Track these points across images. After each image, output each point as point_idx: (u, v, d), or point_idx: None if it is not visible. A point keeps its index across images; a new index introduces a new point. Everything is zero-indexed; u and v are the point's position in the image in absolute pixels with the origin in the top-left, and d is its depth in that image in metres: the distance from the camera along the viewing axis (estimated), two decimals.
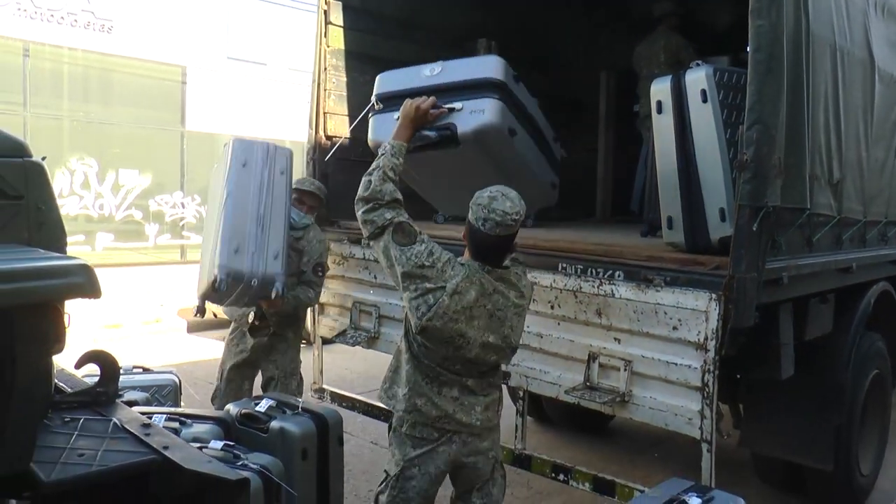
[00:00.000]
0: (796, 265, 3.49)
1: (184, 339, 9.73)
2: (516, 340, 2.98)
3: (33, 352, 1.52)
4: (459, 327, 2.82)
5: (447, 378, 2.94)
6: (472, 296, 2.82)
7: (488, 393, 3.01)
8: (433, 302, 2.80)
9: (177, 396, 4.18)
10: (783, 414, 4.45)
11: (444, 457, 2.99)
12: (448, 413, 2.93)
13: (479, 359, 2.91)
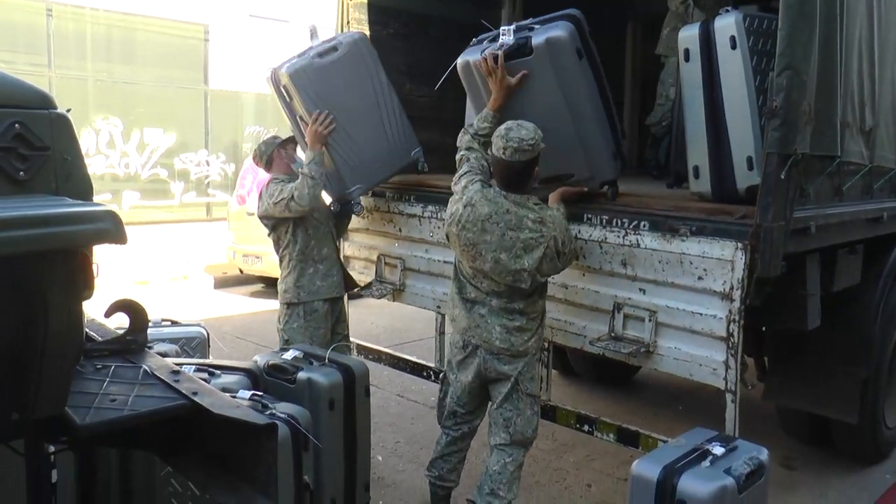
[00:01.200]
0: (824, 214, 3.44)
1: (211, 295, 9.86)
2: (531, 264, 3.19)
3: (64, 297, 1.54)
4: (472, 237, 3.24)
5: (476, 295, 3.35)
6: (486, 211, 3.22)
7: (513, 318, 3.30)
8: (453, 211, 3.32)
9: (205, 349, 4.25)
10: (809, 367, 4.43)
11: (472, 368, 3.42)
12: (472, 326, 3.36)
13: (495, 274, 3.24)
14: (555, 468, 4.66)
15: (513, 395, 3.38)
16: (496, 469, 3.41)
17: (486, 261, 3.23)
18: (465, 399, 3.55)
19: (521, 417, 3.40)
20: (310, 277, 4.29)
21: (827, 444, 4.85)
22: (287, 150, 4.32)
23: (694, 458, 2.77)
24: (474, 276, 3.36)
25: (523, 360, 3.36)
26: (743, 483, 2.68)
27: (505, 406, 3.40)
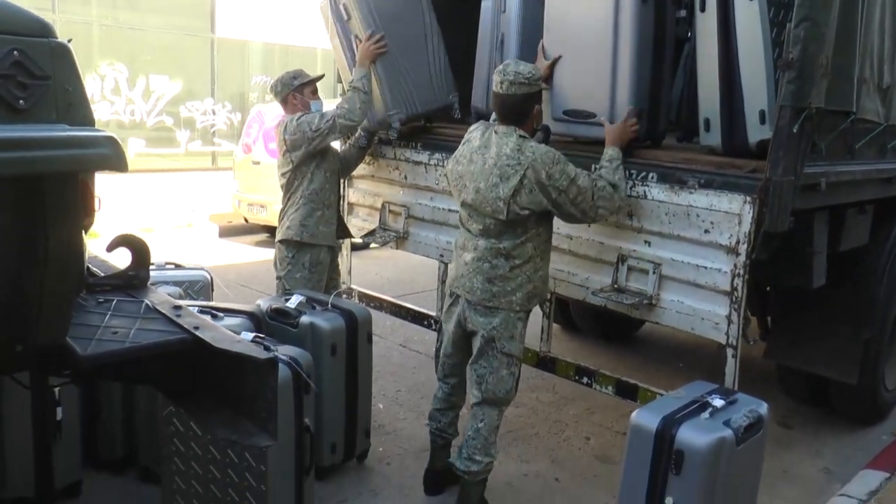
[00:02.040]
0: (835, 172, 3.39)
1: (216, 244, 9.87)
2: (506, 193, 3.08)
3: (64, 224, 1.53)
4: (461, 169, 3.28)
5: (466, 238, 3.32)
6: (476, 144, 3.26)
7: (496, 265, 3.21)
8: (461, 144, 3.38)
9: (208, 293, 4.26)
10: (811, 326, 4.43)
11: (455, 318, 3.40)
12: (458, 276, 3.34)
13: (477, 205, 3.19)
14: (554, 420, 4.70)
15: (487, 351, 3.28)
16: (470, 434, 3.36)
17: (469, 192, 3.21)
18: (450, 349, 3.50)
19: (494, 376, 3.29)
20: (316, 220, 4.28)
21: (825, 404, 4.87)
22: (304, 93, 4.28)
23: (693, 409, 2.78)
24: (468, 217, 3.29)
25: (500, 316, 3.24)
26: (741, 435, 2.69)
27: (479, 362, 3.32)
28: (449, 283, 3.47)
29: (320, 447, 3.61)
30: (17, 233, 1.51)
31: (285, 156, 4.19)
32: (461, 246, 3.36)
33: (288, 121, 4.16)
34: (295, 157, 4.16)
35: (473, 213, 3.25)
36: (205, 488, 3.02)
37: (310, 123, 4.09)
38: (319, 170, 4.25)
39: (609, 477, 3.93)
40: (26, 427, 3.22)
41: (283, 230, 4.31)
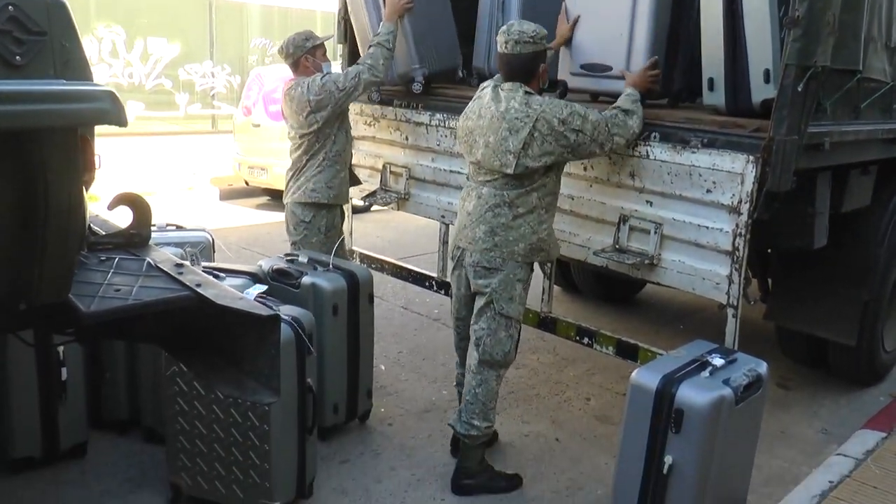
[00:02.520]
0: (840, 131, 3.37)
1: (216, 207, 9.86)
2: (515, 146, 3.09)
3: (64, 178, 1.52)
4: (470, 124, 3.29)
5: (469, 189, 3.33)
6: (486, 99, 3.25)
7: (498, 214, 3.21)
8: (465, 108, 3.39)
9: (210, 254, 4.26)
10: (811, 287, 4.44)
11: (461, 279, 3.41)
12: (461, 227, 3.34)
13: (486, 160, 3.20)
14: (555, 381, 4.73)
15: (486, 312, 3.28)
16: (468, 399, 3.36)
17: (479, 147, 3.21)
18: (463, 312, 3.50)
19: (492, 338, 3.29)
20: (339, 181, 4.27)
21: (823, 365, 4.90)
22: (316, 55, 4.23)
23: (693, 368, 2.80)
24: (475, 172, 3.30)
25: (498, 277, 3.23)
26: (741, 394, 2.71)
27: (479, 323, 3.32)
28: (452, 241, 3.44)
29: (322, 408, 3.63)
30: (17, 187, 1.51)
31: (308, 117, 4.09)
32: (464, 198, 3.37)
33: (310, 81, 4.08)
34: (320, 117, 4.08)
35: (482, 169, 3.25)
36: (209, 448, 3.05)
37: (335, 82, 4.05)
38: (341, 131, 4.23)
39: (609, 437, 3.97)
40: (32, 388, 3.27)
41: (306, 192, 4.21)
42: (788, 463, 3.88)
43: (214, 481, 3.08)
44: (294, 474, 3.12)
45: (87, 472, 3.43)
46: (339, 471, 3.56)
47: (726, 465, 2.75)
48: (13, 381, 3.22)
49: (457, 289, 3.45)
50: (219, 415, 3.00)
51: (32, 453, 3.35)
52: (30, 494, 3.23)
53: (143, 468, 3.47)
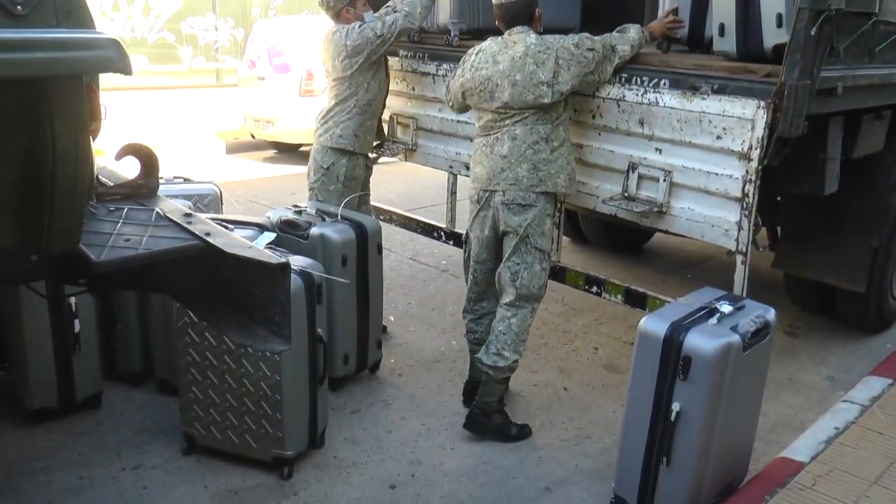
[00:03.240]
0: (853, 76, 3.31)
1: (223, 160, 9.84)
2: (546, 76, 3.21)
3: (71, 127, 1.52)
4: (486, 72, 3.31)
5: (498, 135, 3.34)
6: (495, 48, 3.35)
7: (538, 150, 3.28)
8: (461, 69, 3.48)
9: (218, 206, 4.26)
10: (821, 234, 4.42)
11: (487, 222, 3.45)
12: (496, 172, 3.34)
13: (515, 99, 3.26)
14: (563, 331, 4.76)
15: (521, 247, 3.36)
16: (501, 329, 3.41)
17: (504, 88, 3.26)
18: (483, 254, 3.54)
19: (529, 271, 3.38)
20: (365, 130, 4.24)
21: (831, 313, 4.91)
22: (357, 6, 4.16)
23: (701, 315, 2.79)
24: (500, 117, 3.33)
25: (532, 212, 3.32)
26: (748, 341, 2.71)
27: (512, 259, 3.39)
28: (480, 186, 3.42)
29: (333, 358, 3.67)
30: (24, 136, 1.50)
31: (343, 62, 4.05)
32: (489, 144, 3.37)
33: (350, 28, 4.03)
34: (355, 62, 4.04)
35: (508, 110, 3.29)
36: (221, 398, 3.09)
37: (373, 29, 4.02)
38: (375, 80, 4.18)
39: (617, 386, 4.01)
40: (47, 340, 3.31)
41: (333, 137, 4.18)
42: (795, 410, 3.91)
43: (227, 431, 3.13)
44: (306, 424, 3.16)
45: (103, 422, 3.49)
46: (351, 421, 3.61)
47: (733, 411, 2.77)
48: (28, 333, 3.26)
49: (480, 231, 3.48)
50: (230, 365, 3.03)
51: (49, 404, 3.41)
52: (48, 445, 3.29)
53: (156, 419, 3.53)
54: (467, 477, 3.22)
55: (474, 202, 3.48)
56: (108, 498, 2.97)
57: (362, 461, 3.29)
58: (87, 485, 3.05)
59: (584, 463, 3.36)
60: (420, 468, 3.27)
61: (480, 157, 3.42)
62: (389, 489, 3.12)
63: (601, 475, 3.24)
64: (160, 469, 3.16)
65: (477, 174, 3.44)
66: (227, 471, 3.15)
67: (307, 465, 3.22)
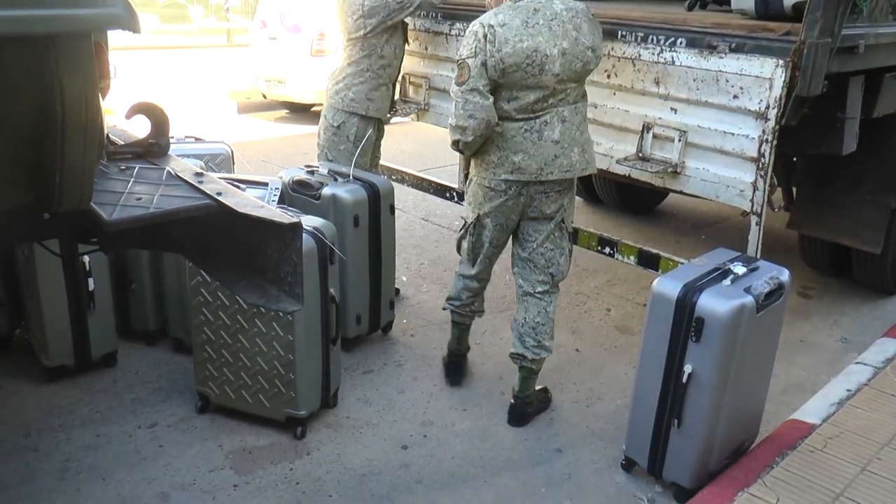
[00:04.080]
0: (876, 34, 3.24)
1: (235, 120, 9.80)
2: (589, 40, 2.97)
3: (79, 85, 1.50)
4: (529, 44, 2.89)
5: (549, 116, 2.99)
6: (518, 21, 2.92)
7: (583, 130, 3.08)
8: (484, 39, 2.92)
9: (230, 166, 4.26)
10: (837, 195, 4.38)
11: (514, 209, 3.16)
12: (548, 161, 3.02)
13: (566, 68, 2.93)
14: (576, 292, 4.76)
15: (556, 232, 3.19)
16: (539, 320, 3.24)
17: (555, 59, 2.89)
18: (503, 238, 3.30)
19: (564, 256, 3.24)
20: (381, 94, 4.17)
21: (846, 274, 4.88)
22: None
23: (715, 276, 2.77)
24: (541, 99, 2.96)
25: (569, 195, 3.18)
26: (762, 302, 2.70)
27: (546, 245, 3.19)
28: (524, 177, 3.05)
29: (345, 319, 3.69)
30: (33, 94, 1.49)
31: (357, 21, 3.97)
32: (535, 129, 2.99)
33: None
34: (368, 24, 3.97)
35: (559, 85, 2.97)
36: (234, 358, 3.11)
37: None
38: (389, 45, 4.10)
39: (629, 347, 4.01)
40: (62, 298, 3.34)
41: (345, 100, 4.11)
42: (807, 371, 3.91)
43: (241, 391, 3.16)
44: (319, 384, 3.19)
45: (118, 380, 3.53)
46: (363, 381, 3.64)
47: (745, 373, 2.76)
48: (44, 291, 3.29)
49: (506, 218, 3.18)
50: (243, 325, 3.05)
51: (65, 362, 3.46)
52: (66, 402, 3.34)
53: (172, 378, 3.57)
54: (479, 438, 3.25)
55: (500, 191, 3.12)
56: (126, 455, 3.02)
57: (375, 421, 3.32)
58: (105, 442, 3.09)
59: (595, 424, 3.38)
60: (432, 429, 3.30)
61: (524, 145, 3.00)
62: (401, 449, 3.15)
63: (612, 437, 3.25)
64: (175, 428, 3.20)
65: (519, 164, 3.03)
66: (241, 430, 3.19)
67: (320, 425, 3.25)
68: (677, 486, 2.86)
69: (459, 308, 3.53)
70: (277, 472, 2.96)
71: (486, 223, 3.23)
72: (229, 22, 14.66)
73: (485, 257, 3.36)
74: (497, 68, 2.90)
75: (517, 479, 3.00)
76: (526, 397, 3.36)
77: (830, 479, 2.79)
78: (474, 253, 3.36)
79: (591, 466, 3.09)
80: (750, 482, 2.77)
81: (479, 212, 3.21)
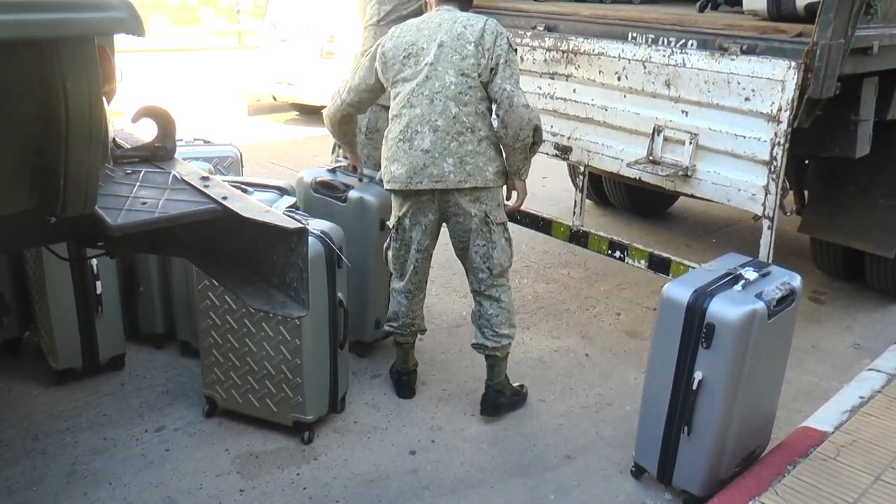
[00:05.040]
0: (890, 34, 3.21)
1: (245, 122, 9.81)
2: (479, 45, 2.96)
3: (84, 88, 1.49)
4: (410, 37, 3.05)
5: (417, 123, 3.02)
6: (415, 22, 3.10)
7: (463, 141, 3.00)
8: (376, 44, 3.13)
9: (238, 168, 4.24)
10: (850, 198, 4.34)
11: (429, 211, 3.14)
12: (417, 168, 3.03)
13: (441, 63, 2.97)
14: (585, 296, 4.72)
15: (482, 229, 3.14)
16: (492, 312, 3.25)
17: (429, 53, 3.00)
18: (425, 242, 3.25)
19: (497, 248, 3.17)
20: None
21: (858, 279, 4.83)
22: None
23: (726, 282, 2.74)
24: (412, 94, 3.03)
25: (488, 194, 3.10)
26: (773, 308, 2.66)
27: (478, 243, 3.16)
28: (403, 182, 3.11)
29: (364, 323, 3.68)
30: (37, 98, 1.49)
31: (373, 7, 3.95)
32: (408, 136, 3.08)
33: None
34: (383, 10, 3.92)
35: (430, 82, 3.05)
36: (241, 362, 3.10)
37: None
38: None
39: (639, 352, 3.98)
40: (70, 301, 3.34)
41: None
42: (819, 378, 3.86)
43: (248, 395, 3.14)
44: (326, 389, 3.17)
45: (126, 384, 3.53)
46: (371, 385, 3.62)
47: (756, 380, 2.73)
48: (52, 294, 3.29)
49: (423, 216, 3.18)
50: (251, 329, 3.04)
51: (73, 365, 3.45)
52: (73, 405, 3.34)
53: (178, 381, 3.56)
54: (487, 443, 3.22)
55: (401, 198, 3.17)
56: (132, 459, 3.01)
57: (383, 426, 3.30)
58: (112, 446, 3.09)
59: (605, 430, 3.35)
60: (440, 434, 3.27)
61: (396, 147, 3.12)
62: (410, 455, 3.13)
63: (621, 443, 3.22)
64: (182, 431, 3.19)
65: (394, 173, 3.12)
66: (248, 434, 3.18)
67: (328, 430, 3.23)
68: (687, 494, 2.83)
69: (399, 328, 3.44)
70: (284, 476, 2.95)
71: (405, 224, 3.21)
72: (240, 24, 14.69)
73: (412, 266, 3.28)
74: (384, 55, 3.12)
75: (526, 485, 2.97)
76: (496, 385, 3.38)
77: (843, 489, 2.75)
78: (400, 262, 3.31)
79: (600, 473, 3.06)
80: (761, 491, 2.73)
81: (398, 213, 3.21)
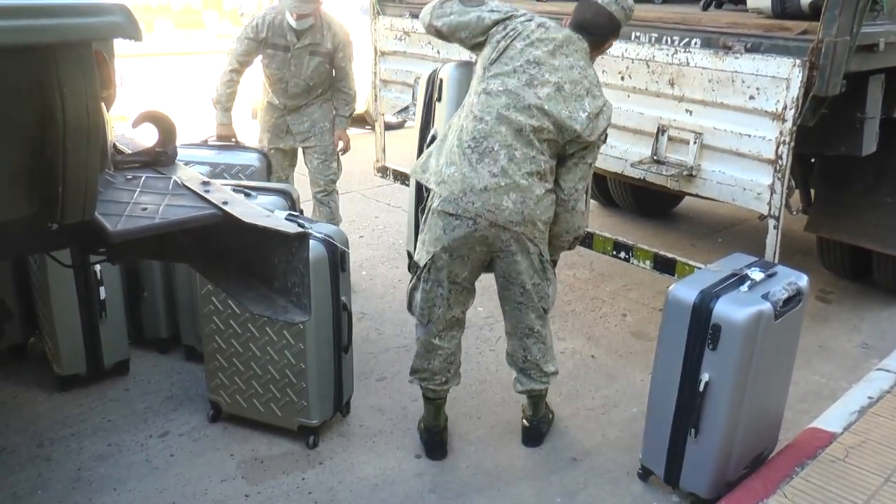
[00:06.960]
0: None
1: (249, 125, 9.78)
2: (588, 111, 2.68)
3: (81, 94, 1.48)
4: (540, 55, 2.66)
5: (492, 141, 2.64)
6: (560, 36, 2.71)
7: (531, 182, 2.67)
8: (497, 25, 2.75)
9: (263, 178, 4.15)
10: (857, 197, 4.31)
11: (481, 242, 2.75)
12: (476, 188, 2.65)
13: (547, 101, 2.64)
14: (591, 297, 4.70)
15: (536, 264, 2.84)
16: (536, 352, 3.01)
17: (546, 84, 2.63)
18: (472, 277, 2.89)
19: (552, 285, 2.93)
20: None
21: (865, 278, 4.80)
22: None
23: (732, 282, 2.72)
24: (505, 109, 2.65)
25: (542, 237, 2.81)
26: (780, 309, 2.64)
27: (535, 281, 2.86)
28: (455, 199, 2.70)
29: None
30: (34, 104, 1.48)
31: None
32: (480, 149, 2.70)
33: None
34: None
35: (525, 112, 2.68)
36: (245, 366, 3.09)
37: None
38: None
39: (645, 353, 3.95)
40: (74, 307, 3.33)
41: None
42: (827, 378, 3.83)
43: (252, 399, 3.13)
44: (331, 393, 3.15)
45: (130, 389, 3.52)
46: (376, 389, 3.61)
47: (763, 381, 2.70)
48: (56, 300, 3.29)
49: (469, 250, 2.80)
50: (254, 333, 3.03)
51: (78, 371, 3.45)
52: (78, 411, 3.33)
53: (183, 386, 3.55)
54: (493, 446, 3.20)
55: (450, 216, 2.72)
56: (137, 465, 3.00)
57: (388, 430, 3.29)
58: (116, 451, 3.08)
59: (611, 433, 3.32)
60: (446, 437, 3.25)
61: (457, 155, 2.73)
62: (415, 458, 3.11)
63: (628, 445, 3.20)
64: (187, 437, 3.18)
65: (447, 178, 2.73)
66: (252, 439, 3.17)
67: (333, 434, 3.22)
68: (694, 497, 2.80)
69: (428, 381, 3.02)
70: (289, 481, 2.93)
71: (443, 258, 2.79)
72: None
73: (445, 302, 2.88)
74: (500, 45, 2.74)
75: (532, 488, 2.96)
76: (543, 418, 3.27)
77: (852, 491, 2.72)
78: (429, 304, 2.89)
79: (606, 476, 3.03)
80: (769, 493, 2.71)
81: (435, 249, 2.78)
